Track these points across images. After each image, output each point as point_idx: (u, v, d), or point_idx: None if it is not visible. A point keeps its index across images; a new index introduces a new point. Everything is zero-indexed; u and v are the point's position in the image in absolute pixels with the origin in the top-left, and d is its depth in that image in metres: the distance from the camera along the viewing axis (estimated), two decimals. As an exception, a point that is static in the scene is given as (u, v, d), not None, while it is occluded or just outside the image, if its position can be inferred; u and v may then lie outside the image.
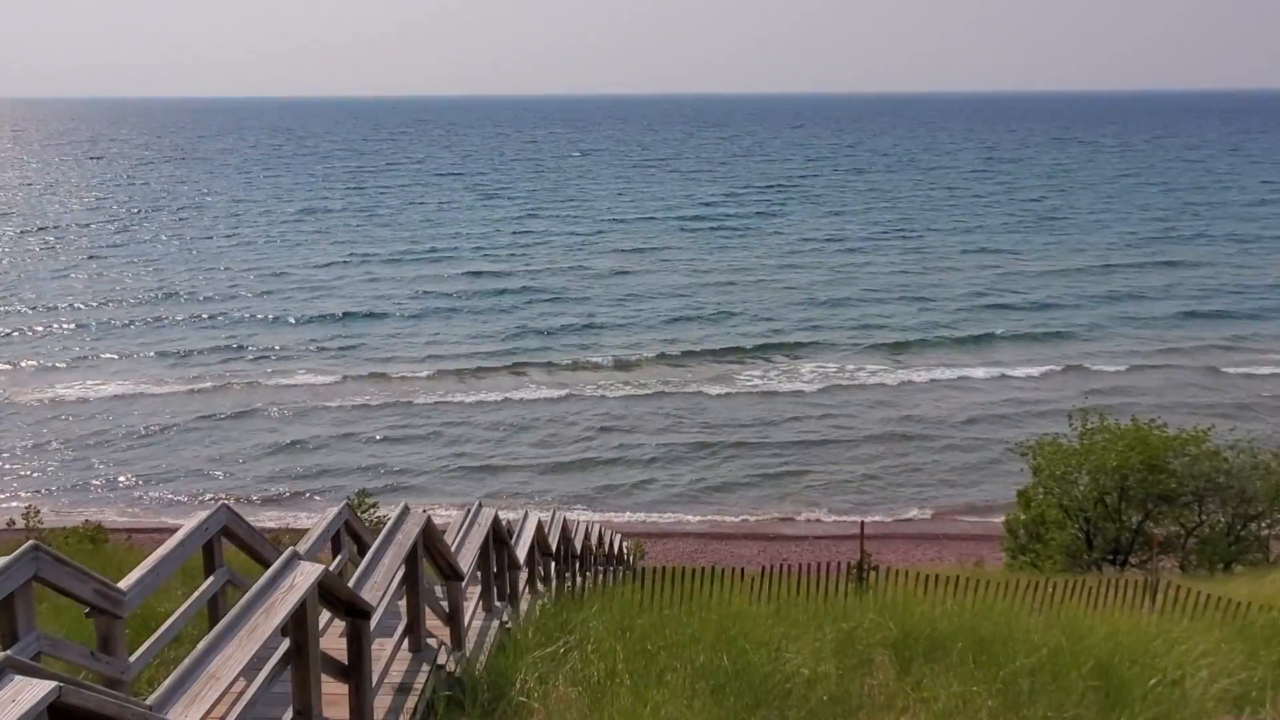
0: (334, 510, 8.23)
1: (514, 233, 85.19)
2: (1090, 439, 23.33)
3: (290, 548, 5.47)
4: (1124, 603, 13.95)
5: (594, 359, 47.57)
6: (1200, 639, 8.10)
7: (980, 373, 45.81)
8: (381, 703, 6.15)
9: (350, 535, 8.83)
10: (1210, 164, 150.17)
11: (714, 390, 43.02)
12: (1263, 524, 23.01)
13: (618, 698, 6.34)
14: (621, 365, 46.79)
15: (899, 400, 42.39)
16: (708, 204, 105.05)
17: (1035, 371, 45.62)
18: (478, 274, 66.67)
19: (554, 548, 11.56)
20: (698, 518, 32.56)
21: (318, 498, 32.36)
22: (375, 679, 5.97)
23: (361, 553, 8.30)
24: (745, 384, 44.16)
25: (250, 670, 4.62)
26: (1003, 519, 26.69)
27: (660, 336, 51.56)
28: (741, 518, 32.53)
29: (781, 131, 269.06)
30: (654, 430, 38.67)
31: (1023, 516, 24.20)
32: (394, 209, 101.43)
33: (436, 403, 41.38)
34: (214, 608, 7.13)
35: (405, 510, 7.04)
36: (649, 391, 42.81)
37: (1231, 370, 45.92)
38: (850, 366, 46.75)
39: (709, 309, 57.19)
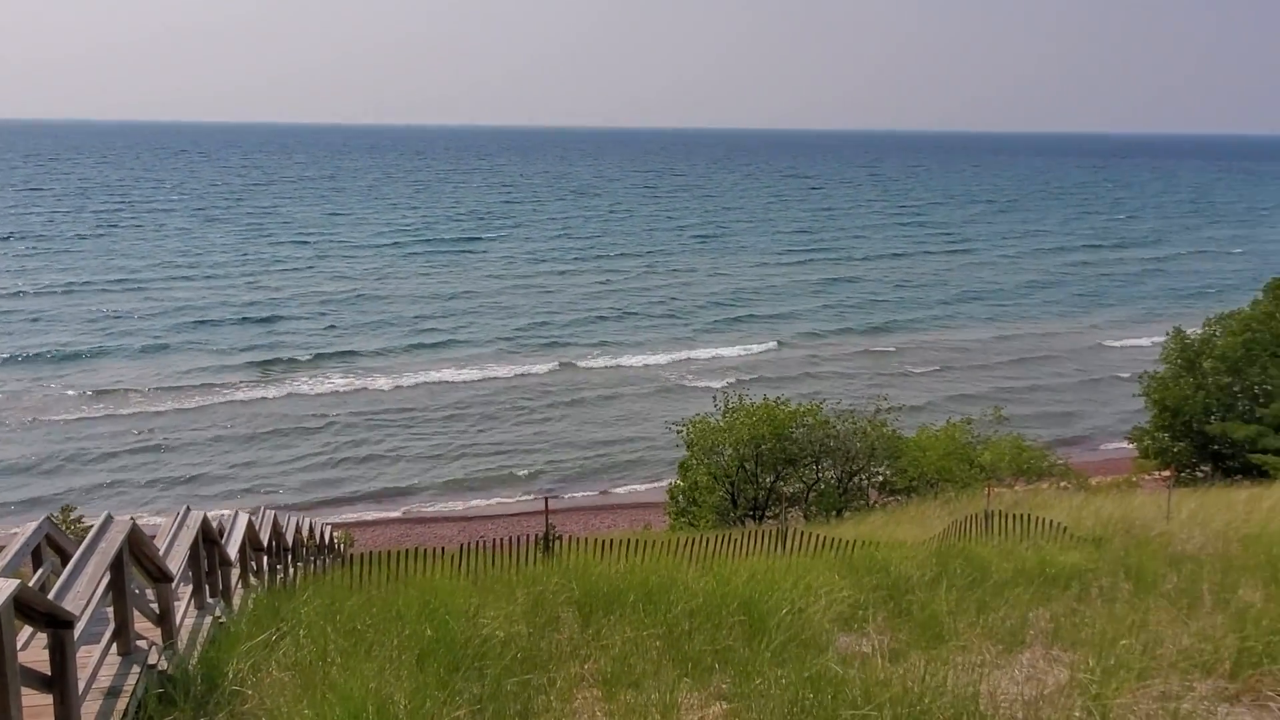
0: (33, 525, 7.28)
1: (241, 256, 78.47)
2: (732, 417, 24.77)
3: (-20, 566, 4.78)
4: (762, 549, 14.87)
5: (324, 381, 44.94)
6: (819, 574, 8.74)
7: (677, 378, 47.26)
8: (90, 708, 5.52)
9: (53, 548, 7.86)
10: (827, 190, 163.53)
11: (441, 401, 42.09)
12: (863, 477, 25.36)
13: (329, 675, 6.02)
14: (352, 385, 44.49)
15: (608, 398, 43.48)
16: (420, 229, 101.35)
17: (748, 377, 46.25)
18: (207, 304, 60.12)
19: (265, 543, 10.84)
20: (405, 507, 31.88)
21: (25, 515, 28.82)
22: (82, 686, 5.34)
23: (66, 564, 7.41)
24: (471, 393, 43.30)
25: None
26: (666, 487, 27.92)
27: (397, 361, 49.37)
28: (441, 503, 32.18)
29: (468, 159, 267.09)
30: (375, 437, 37.53)
31: (681, 484, 25.38)
32: (106, 232, 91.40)
33: (156, 424, 37.96)
34: (-103, 635, 6.10)
35: (108, 519, 6.34)
36: (380, 408, 41.21)
37: (917, 371, 49.78)
38: (578, 377, 47.24)
39: (441, 331, 55.27)
